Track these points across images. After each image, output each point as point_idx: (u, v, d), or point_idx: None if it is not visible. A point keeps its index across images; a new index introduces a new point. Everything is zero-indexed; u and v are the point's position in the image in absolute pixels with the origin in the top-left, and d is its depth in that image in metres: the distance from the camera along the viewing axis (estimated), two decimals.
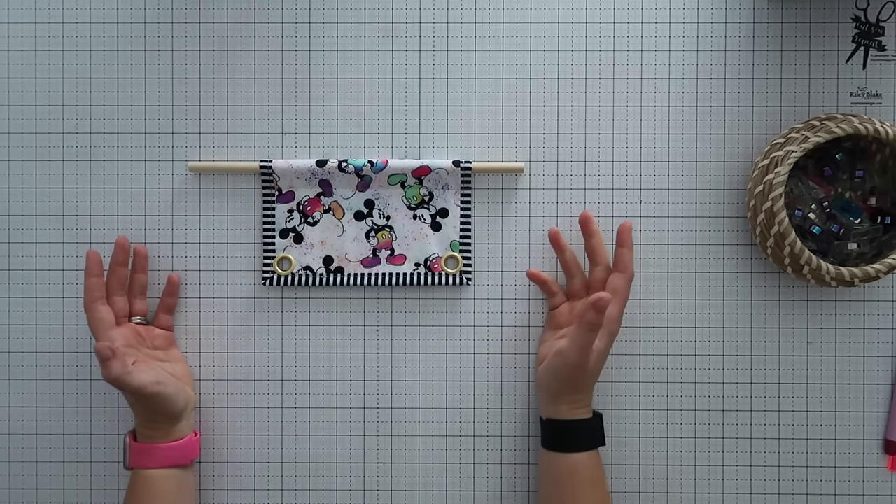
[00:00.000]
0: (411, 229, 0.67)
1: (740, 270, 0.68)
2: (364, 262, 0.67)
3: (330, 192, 0.67)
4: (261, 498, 0.68)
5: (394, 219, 0.67)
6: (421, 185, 0.67)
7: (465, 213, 0.67)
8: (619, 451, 0.68)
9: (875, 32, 0.67)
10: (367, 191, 0.67)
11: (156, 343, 0.66)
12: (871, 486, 0.67)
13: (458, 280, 0.67)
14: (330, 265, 0.67)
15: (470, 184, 0.67)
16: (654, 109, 0.68)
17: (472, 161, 0.67)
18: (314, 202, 0.67)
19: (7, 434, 0.68)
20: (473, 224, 0.67)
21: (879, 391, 0.68)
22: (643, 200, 0.68)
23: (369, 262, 0.67)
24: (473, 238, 0.67)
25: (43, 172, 0.68)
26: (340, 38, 0.68)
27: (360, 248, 0.67)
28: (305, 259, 0.67)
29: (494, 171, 0.67)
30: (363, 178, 0.67)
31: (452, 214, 0.67)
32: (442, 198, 0.67)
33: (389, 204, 0.67)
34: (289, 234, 0.67)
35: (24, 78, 0.68)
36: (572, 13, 0.68)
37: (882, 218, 0.65)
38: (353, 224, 0.67)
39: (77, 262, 0.68)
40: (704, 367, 0.68)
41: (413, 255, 0.67)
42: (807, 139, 0.60)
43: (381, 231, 0.67)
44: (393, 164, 0.66)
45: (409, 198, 0.67)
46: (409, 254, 0.67)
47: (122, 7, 0.68)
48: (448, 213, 0.67)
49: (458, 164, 0.66)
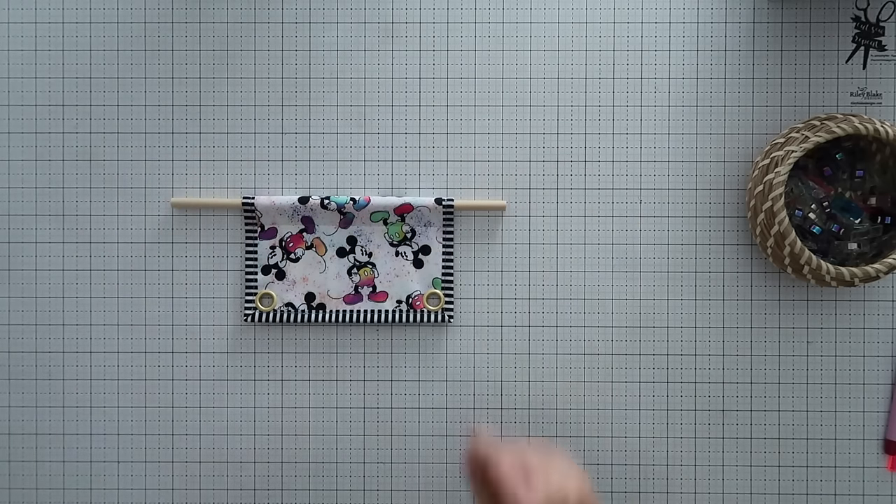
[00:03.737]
0: (393, 266, 0.67)
1: (740, 270, 0.68)
2: (346, 298, 0.67)
3: (312, 229, 0.67)
4: (261, 498, 0.68)
5: (376, 255, 0.67)
6: (403, 223, 0.67)
7: (447, 250, 0.67)
8: (619, 451, 0.68)
9: (875, 32, 0.67)
10: (350, 227, 0.67)
11: None
12: (871, 486, 0.67)
13: (439, 317, 0.67)
14: (312, 301, 0.67)
15: (452, 221, 0.67)
16: (654, 109, 0.68)
17: (455, 199, 0.67)
18: (296, 238, 0.67)
19: (7, 434, 0.68)
20: (456, 261, 0.67)
21: (879, 391, 0.68)
22: (643, 200, 0.68)
23: (351, 298, 0.67)
24: (456, 276, 0.67)
25: (43, 172, 0.68)
26: (340, 38, 0.68)
27: (342, 284, 0.67)
28: (287, 296, 0.67)
29: (476, 209, 0.67)
30: (345, 216, 0.67)
31: (435, 251, 0.67)
32: (424, 235, 0.67)
33: (371, 241, 0.67)
34: (271, 271, 0.67)
35: (24, 78, 0.68)
36: (572, 13, 0.68)
37: (882, 218, 0.65)
38: (335, 261, 0.67)
39: (77, 262, 0.68)
40: (704, 367, 0.68)
41: (395, 291, 0.67)
42: (807, 139, 0.60)
43: (364, 268, 0.67)
44: (375, 201, 0.66)
45: (391, 235, 0.67)
46: (391, 290, 0.67)
47: (122, 7, 0.68)
48: (430, 251, 0.67)
49: (440, 202, 0.66)
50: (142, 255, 0.68)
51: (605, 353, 0.68)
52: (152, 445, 0.68)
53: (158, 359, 0.68)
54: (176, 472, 0.68)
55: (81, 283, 0.68)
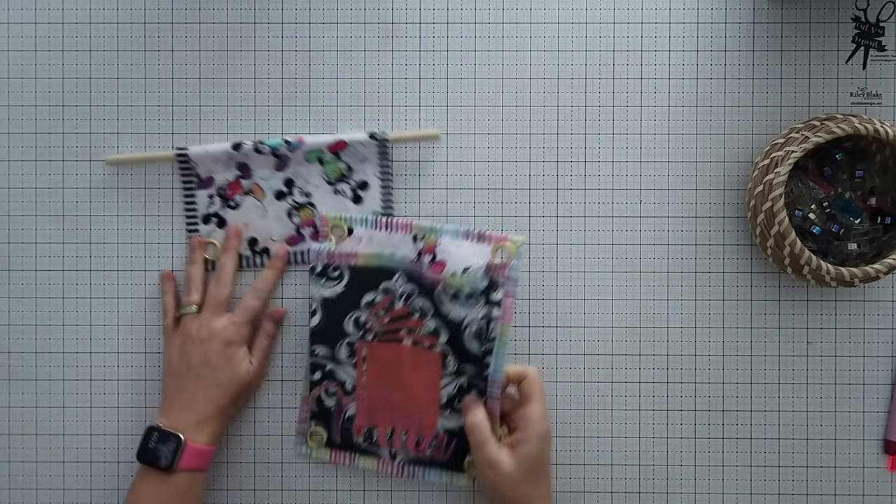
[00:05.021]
0: (333, 204, 0.67)
1: (740, 270, 0.68)
2: (289, 240, 0.67)
3: (249, 175, 0.67)
4: (261, 498, 0.68)
5: (314, 196, 0.67)
6: (339, 161, 0.67)
7: (385, 185, 0.67)
8: (619, 451, 0.68)
9: (875, 32, 0.67)
10: (286, 170, 0.67)
11: None
12: (871, 486, 0.67)
13: None
14: (255, 247, 0.67)
15: (388, 155, 0.67)
16: (654, 109, 0.68)
17: (389, 132, 0.66)
18: (234, 186, 0.67)
19: (7, 434, 0.68)
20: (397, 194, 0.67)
21: (879, 391, 0.68)
22: (643, 200, 0.68)
23: (294, 240, 0.67)
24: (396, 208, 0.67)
25: (43, 172, 0.68)
26: (340, 38, 0.68)
27: (283, 227, 0.67)
28: None
29: (410, 140, 0.67)
30: (280, 158, 0.67)
31: (373, 186, 0.67)
32: (361, 171, 0.67)
33: (309, 181, 0.67)
34: (211, 220, 0.67)
35: (24, 78, 0.68)
36: (572, 13, 0.68)
37: (882, 218, 0.65)
38: (274, 204, 0.67)
39: (77, 262, 0.68)
40: (704, 367, 0.68)
41: None
42: (807, 139, 0.60)
43: (303, 209, 0.67)
44: (309, 141, 0.66)
45: (328, 173, 0.67)
46: None
47: (122, 7, 0.68)
48: (368, 186, 0.67)
49: (374, 137, 0.66)
50: (142, 256, 0.68)
51: (604, 353, 0.68)
52: None
53: (158, 359, 0.68)
54: None
55: (81, 283, 0.68)
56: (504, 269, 0.63)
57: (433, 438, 0.65)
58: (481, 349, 0.63)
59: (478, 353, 0.63)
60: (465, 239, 0.65)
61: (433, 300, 0.64)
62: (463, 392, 0.64)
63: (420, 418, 0.65)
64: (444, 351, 0.65)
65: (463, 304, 0.63)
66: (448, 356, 0.65)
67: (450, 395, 0.65)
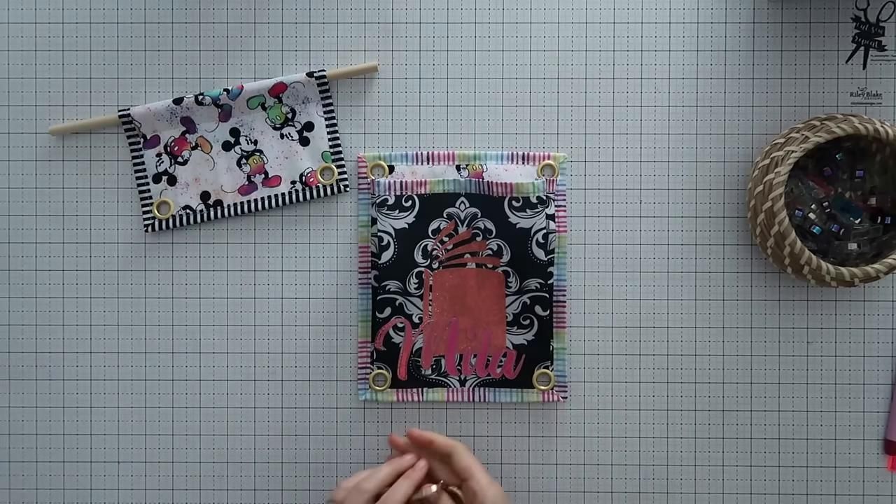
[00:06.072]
0: (281, 149, 0.67)
1: (740, 270, 0.68)
2: (241, 189, 0.67)
3: (193, 129, 0.67)
4: (260, 498, 0.68)
5: (261, 142, 0.67)
6: (281, 104, 0.67)
7: (330, 123, 0.67)
8: (619, 451, 0.68)
9: (875, 32, 0.67)
10: (230, 120, 0.67)
11: None
12: (871, 486, 0.67)
13: (336, 189, 0.67)
14: (208, 200, 0.67)
15: (329, 92, 0.67)
16: (654, 109, 0.68)
17: (325, 68, 0.67)
18: (180, 141, 0.67)
19: (7, 434, 0.68)
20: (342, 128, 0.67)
21: (879, 391, 0.68)
22: (643, 200, 0.68)
23: (246, 189, 0.67)
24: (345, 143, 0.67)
25: (43, 172, 0.68)
26: (340, 38, 0.68)
27: (234, 177, 0.67)
28: (183, 199, 0.67)
29: (349, 75, 0.67)
30: (223, 108, 0.67)
31: (318, 126, 0.67)
32: (305, 112, 0.67)
33: (254, 128, 0.67)
34: (162, 178, 0.67)
35: (24, 78, 0.68)
36: (572, 13, 0.68)
37: (882, 218, 0.65)
38: (222, 155, 0.67)
39: (77, 262, 0.68)
40: (704, 367, 0.68)
41: (287, 174, 0.67)
42: (807, 139, 0.60)
43: (252, 156, 0.67)
44: (248, 87, 0.66)
45: (272, 118, 0.67)
46: (284, 173, 0.67)
47: (122, 7, 0.68)
48: (314, 126, 0.67)
49: (312, 75, 0.66)
50: (142, 256, 0.68)
51: (605, 353, 0.68)
52: (152, 445, 0.68)
53: (158, 359, 0.68)
54: (176, 472, 0.68)
55: (81, 283, 0.68)
56: (553, 184, 0.66)
57: (503, 356, 0.66)
58: (546, 258, 0.65)
59: (544, 260, 0.65)
60: (510, 161, 0.66)
61: (497, 217, 0.65)
62: (527, 309, 0.66)
63: (489, 338, 0.66)
64: (506, 271, 0.66)
65: (528, 214, 0.65)
66: (510, 275, 0.66)
67: (514, 313, 0.66)
